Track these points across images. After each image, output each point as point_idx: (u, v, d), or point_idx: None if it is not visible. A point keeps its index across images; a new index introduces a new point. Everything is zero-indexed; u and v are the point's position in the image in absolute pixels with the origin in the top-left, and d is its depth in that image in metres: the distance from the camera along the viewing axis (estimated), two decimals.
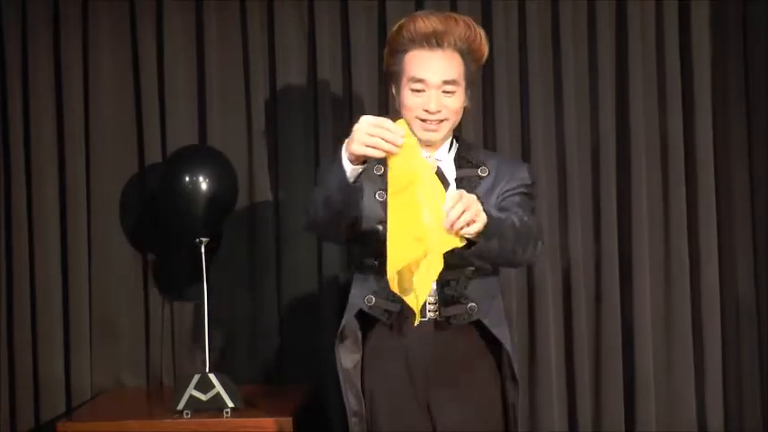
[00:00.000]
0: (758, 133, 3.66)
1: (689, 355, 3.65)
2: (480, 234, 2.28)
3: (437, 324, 2.59)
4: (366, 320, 2.64)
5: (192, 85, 3.67)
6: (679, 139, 3.65)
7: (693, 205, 3.66)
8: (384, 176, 2.57)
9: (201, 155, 3.47)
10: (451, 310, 2.57)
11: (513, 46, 3.65)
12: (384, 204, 2.50)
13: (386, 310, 2.58)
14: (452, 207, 2.22)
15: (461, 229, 2.23)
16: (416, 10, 3.57)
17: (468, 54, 2.60)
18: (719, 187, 3.67)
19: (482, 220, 2.26)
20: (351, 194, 2.37)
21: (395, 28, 2.64)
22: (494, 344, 2.63)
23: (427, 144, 2.61)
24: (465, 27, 2.60)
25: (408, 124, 2.56)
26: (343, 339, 2.63)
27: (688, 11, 3.64)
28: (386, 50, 2.68)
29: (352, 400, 2.62)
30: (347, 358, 2.63)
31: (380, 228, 2.53)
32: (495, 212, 2.45)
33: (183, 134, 3.65)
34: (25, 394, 3.64)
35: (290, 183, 3.66)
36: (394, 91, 2.66)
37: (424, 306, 2.56)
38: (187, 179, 3.34)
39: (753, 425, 3.67)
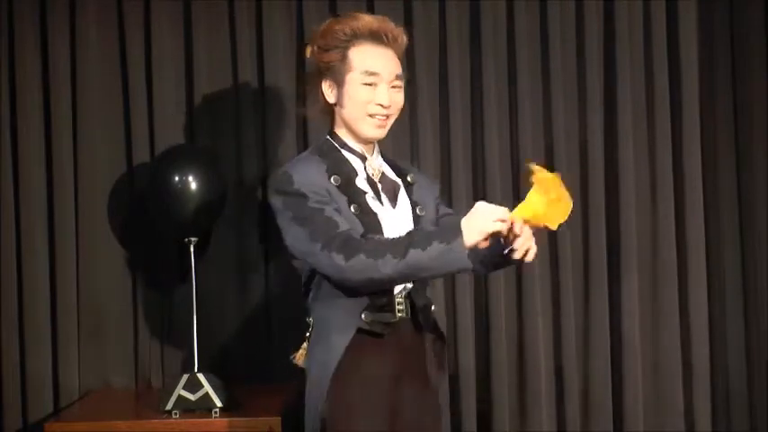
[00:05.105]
0: (744, 129, 3.69)
1: (677, 354, 3.67)
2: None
3: (407, 324, 2.56)
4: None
5: (180, 84, 3.67)
6: (667, 138, 3.67)
7: (681, 202, 3.68)
8: (341, 188, 2.51)
9: (190, 154, 3.47)
10: (422, 314, 2.58)
11: (501, 45, 3.66)
12: (361, 218, 2.48)
13: (385, 323, 2.52)
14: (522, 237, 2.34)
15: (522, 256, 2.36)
16: (404, 10, 3.60)
17: (401, 55, 2.61)
18: (706, 182, 3.69)
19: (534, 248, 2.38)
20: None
21: (325, 26, 2.58)
22: (441, 343, 2.66)
23: (369, 142, 2.60)
24: (398, 29, 2.60)
25: (351, 120, 2.55)
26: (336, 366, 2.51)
27: (675, 10, 3.66)
28: (313, 47, 2.59)
29: (317, 423, 2.54)
30: (326, 379, 2.52)
31: None
32: None
33: (171, 134, 3.65)
34: (13, 395, 3.62)
35: None
36: (325, 87, 2.58)
37: (395, 306, 2.53)
38: (176, 179, 3.34)
39: (740, 423, 3.69)
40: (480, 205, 2.33)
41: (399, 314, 2.54)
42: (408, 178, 2.65)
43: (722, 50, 3.69)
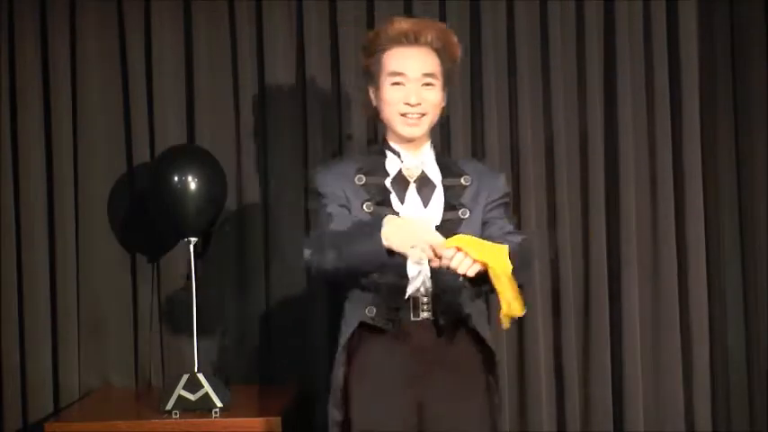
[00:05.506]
0: (744, 127, 3.68)
1: (677, 354, 3.66)
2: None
3: (431, 325, 2.61)
4: (360, 332, 2.65)
5: (180, 84, 3.67)
6: (667, 135, 3.67)
7: (681, 201, 3.67)
8: (366, 187, 2.61)
9: (190, 155, 3.47)
10: (448, 317, 2.61)
11: (501, 45, 3.66)
12: (372, 215, 2.55)
13: (389, 319, 2.60)
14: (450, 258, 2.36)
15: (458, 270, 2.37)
16: (405, 10, 3.60)
17: (443, 52, 2.65)
18: (707, 181, 3.68)
19: (474, 268, 2.36)
20: (386, 266, 2.45)
21: (371, 33, 2.69)
22: (479, 347, 2.66)
23: (409, 140, 2.65)
24: (438, 28, 2.67)
25: (389, 121, 2.63)
26: (339, 353, 2.64)
27: (675, 9, 3.66)
28: (363, 55, 2.71)
29: (335, 413, 2.63)
30: (339, 372, 2.64)
31: None
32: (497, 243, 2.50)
33: (171, 134, 3.64)
34: (13, 395, 3.62)
35: (278, 182, 3.66)
36: (372, 93, 2.69)
37: (417, 306, 2.60)
38: (176, 179, 3.33)
39: (740, 423, 3.69)
40: (421, 224, 2.41)
41: (424, 314, 2.59)
42: (462, 180, 2.66)
43: (722, 49, 3.69)
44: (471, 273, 2.36)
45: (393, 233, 2.37)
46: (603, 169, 3.67)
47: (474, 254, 2.35)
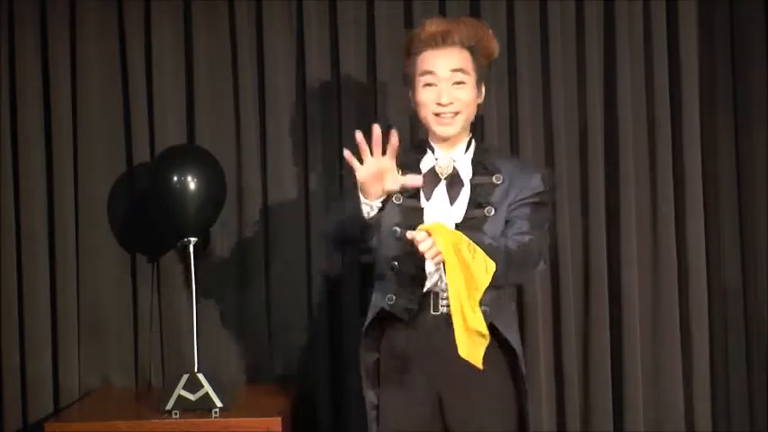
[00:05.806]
0: (744, 127, 3.68)
1: (677, 354, 3.66)
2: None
3: (450, 320, 2.62)
4: (383, 319, 2.74)
5: (180, 84, 3.67)
6: (667, 135, 3.66)
7: (681, 203, 3.67)
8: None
9: (190, 155, 3.47)
10: None
11: (501, 45, 3.62)
12: (401, 208, 2.65)
13: (406, 308, 2.68)
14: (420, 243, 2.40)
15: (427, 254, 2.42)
16: (405, 10, 3.60)
17: (476, 49, 2.72)
18: (707, 184, 3.68)
19: (437, 259, 2.39)
20: (363, 226, 2.50)
21: (407, 37, 2.78)
22: (504, 346, 2.70)
23: (444, 139, 2.72)
24: (471, 26, 2.74)
25: (425, 121, 2.71)
26: (364, 338, 2.73)
27: (675, 9, 3.66)
28: (403, 58, 2.80)
29: (371, 395, 2.73)
30: (367, 356, 2.73)
31: (398, 229, 2.65)
32: (488, 240, 2.53)
33: (171, 134, 3.65)
34: (13, 395, 3.62)
35: (278, 182, 3.66)
36: (410, 95, 2.78)
37: (437, 301, 2.68)
38: (175, 179, 3.34)
39: (740, 424, 3.69)
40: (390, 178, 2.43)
41: (444, 309, 2.66)
42: (494, 178, 2.71)
43: (722, 49, 3.69)
44: (434, 261, 2.41)
45: (364, 188, 2.45)
46: (603, 169, 3.67)
47: (440, 245, 2.37)
